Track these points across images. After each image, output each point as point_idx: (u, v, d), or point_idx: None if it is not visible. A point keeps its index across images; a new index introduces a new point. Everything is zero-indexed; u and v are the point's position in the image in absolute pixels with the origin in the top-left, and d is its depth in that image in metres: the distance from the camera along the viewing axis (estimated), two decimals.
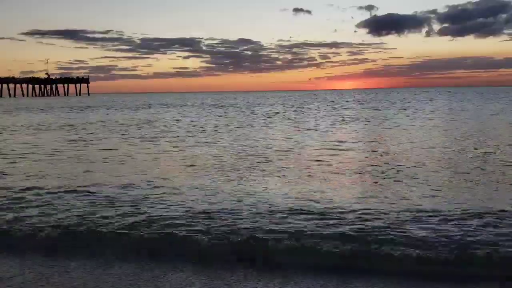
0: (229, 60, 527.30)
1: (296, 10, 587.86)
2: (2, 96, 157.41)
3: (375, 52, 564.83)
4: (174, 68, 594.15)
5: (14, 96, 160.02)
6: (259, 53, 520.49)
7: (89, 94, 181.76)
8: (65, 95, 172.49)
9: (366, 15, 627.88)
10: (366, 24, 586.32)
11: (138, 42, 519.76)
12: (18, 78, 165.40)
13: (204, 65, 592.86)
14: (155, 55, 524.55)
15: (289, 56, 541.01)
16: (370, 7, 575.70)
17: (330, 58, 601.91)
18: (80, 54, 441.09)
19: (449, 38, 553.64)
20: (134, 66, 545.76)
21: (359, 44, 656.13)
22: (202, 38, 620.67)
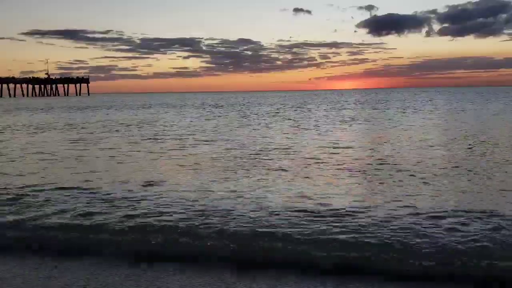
0: (229, 60, 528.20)
1: (296, 10, 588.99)
2: (2, 96, 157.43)
3: (375, 52, 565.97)
4: (174, 68, 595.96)
5: (14, 96, 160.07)
6: (259, 53, 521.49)
7: (89, 94, 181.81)
8: (65, 95, 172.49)
9: (366, 15, 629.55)
10: (366, 24, 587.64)
11: (138, 42, 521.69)
12: (18, 78, 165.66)
13: (204, 65, 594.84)
14: (155, 55, 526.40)
15: (289, 56, 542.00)
16: (370, 7, 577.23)
17: (330, 58, 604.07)
18: (80, 54, 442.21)
19: (449, 38, 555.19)
20: (134, 66, 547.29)
21: (359, 44, 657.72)
22: (202, 38, 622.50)
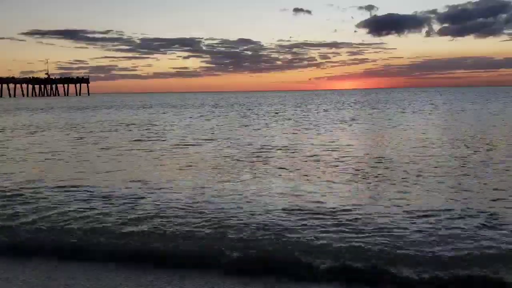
0: (229, 60, 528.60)
1: (296, 10, 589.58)
2: (2, 96, 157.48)
3: (375, 52, 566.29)
4: (174, 68, 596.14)
5: (14, 96, 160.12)
6: (259, 53, 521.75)
7: (89, 94, 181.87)
8: (65, 95, 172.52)
9: (366, 15, 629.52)
10: (366, 24, 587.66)
11: (138, 42, 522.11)
12: (18, 78, 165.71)
13: (204, 65, 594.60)
14: (155, 55, 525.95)
15: (289, 56, 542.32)
16: (370, 7, 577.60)
17: (330, 58, 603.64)
18: (80, 54, 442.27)
19: (449, 38, 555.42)
20: (134, 66, 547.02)
21: (359, 44, 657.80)
22: (202, 38, 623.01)
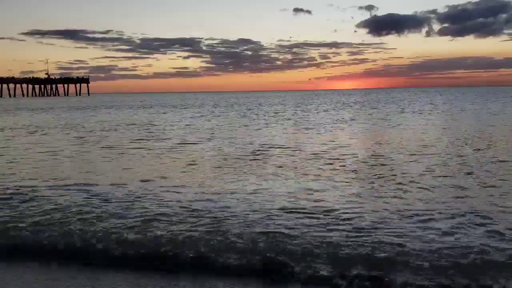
0: (229, 60, 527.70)
1: (296, 10, 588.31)
2: (2, 96, 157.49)
3: (375, 52, 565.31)
4: (174, 68, 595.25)
5: (14, 96, 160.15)
6: (259, 53, 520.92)
7: (89, 94, 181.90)
8: (65, 95, 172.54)
9: (366, 15, 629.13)
10: (366, 24, 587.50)
11: (138, 42, 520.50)
12: (18, 78, 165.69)
13: (204, 65, 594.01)
14: (155, 55, 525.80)
15: (289, 56, 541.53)
16: (370, 7, 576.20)
17: (330, 58, 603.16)
18: (80, 54, 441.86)
19: (449, 38, 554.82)
20: (134, 66, 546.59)
21: (359, 44, 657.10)
22: (202, 38, 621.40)
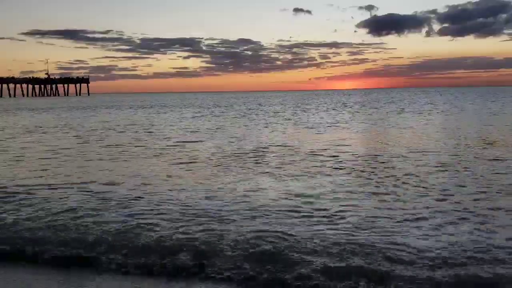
0: (229, 60, 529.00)
1: (296, 10, 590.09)
2: (2, 96, 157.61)
3: (375, 52, 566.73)
4: (174, 68, 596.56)
5: (14, 96, 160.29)
6: (259, 53, 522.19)
7: (89, 94, 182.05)
8: (65, 95, 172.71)
9: (366, 15, 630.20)
10: (366, 24, 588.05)
11: (138, 42, 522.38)
12: (18, 78, 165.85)
13: (204, 65, 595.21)
14: (155, 55, 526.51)
15: (289, 56, 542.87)
16: (370, 7, 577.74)
17: (330, 58, 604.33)
18: (80, 54, 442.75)
19: (449, 38, 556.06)
20: (134, 66, 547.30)
21: (359, 44, 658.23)
22: (202, 38, 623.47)
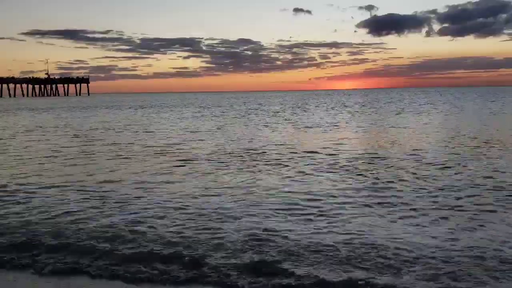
0: (229, 60, 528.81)
1: (296, 10, 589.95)
2: (2, 96, 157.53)
3: (375, 52, 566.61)
4: (174, 68, 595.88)
5: (14, 96, 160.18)
6: (259, 53, 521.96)
7: (89, 94, 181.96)
8: (65, 95, 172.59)
9: (366, 15, 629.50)
10: (366, 24, 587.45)
11: (138, 42, 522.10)
12: (18, 78, 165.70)
13: (204, 65, 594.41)
14: (155, 55, 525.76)
15: (289, 56, 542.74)
16: (370, 7, 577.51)
17: (330, 58, 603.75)
18: (80, 54, 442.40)
19: (449, 38, 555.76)
20: (134, 66, 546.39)
21: (359, 44, 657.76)
22: (202, 38, 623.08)
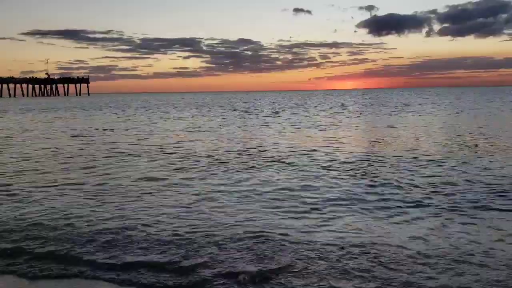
0: (229, 60, 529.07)
1: (296, 10, 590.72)
2: (2, 96, 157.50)
3: (375, 52, 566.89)
4: (174, 68, 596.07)
5: (14, 96, 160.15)
6: (259, 53, 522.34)
7: (89, 94, 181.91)
8: (65, 95, 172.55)
9: (366, 15, 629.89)
10: (366, 24, 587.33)
11: (138, 42, 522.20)
12: (18, 78, 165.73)
13: (204, 65, 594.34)
14: (155, 55, 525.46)
15: (289, 56, 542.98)
16: (370, 7, 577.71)
17: (330, 58, 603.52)
18: (80, 54, 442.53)
19: (449, 38, 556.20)
20: (134, 66, 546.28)
21: (359, 44, 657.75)
22: (202, 38, 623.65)
